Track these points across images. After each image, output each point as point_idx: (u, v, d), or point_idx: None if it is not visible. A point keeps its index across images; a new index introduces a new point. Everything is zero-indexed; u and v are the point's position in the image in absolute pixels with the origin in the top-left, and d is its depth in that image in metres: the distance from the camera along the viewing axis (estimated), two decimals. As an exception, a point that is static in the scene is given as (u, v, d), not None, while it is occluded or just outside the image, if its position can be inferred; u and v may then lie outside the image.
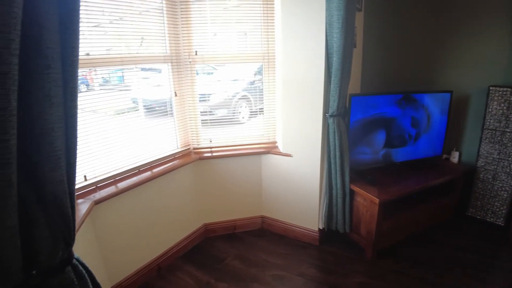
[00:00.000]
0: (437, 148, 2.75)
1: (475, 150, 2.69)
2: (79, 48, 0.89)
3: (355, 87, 2.93)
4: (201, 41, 2.33)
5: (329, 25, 2.05)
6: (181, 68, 2.34)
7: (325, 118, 2.25)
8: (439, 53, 2.80)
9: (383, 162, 2.60)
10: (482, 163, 2.61)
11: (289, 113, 2.39)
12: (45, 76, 0.82)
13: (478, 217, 2.72)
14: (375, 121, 2.45)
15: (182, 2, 2.23)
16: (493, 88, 2.47)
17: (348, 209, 2.39)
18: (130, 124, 2.12)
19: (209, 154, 2.53)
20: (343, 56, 2.05)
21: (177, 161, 2.38)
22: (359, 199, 2.36)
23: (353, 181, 2.38)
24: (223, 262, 2.39)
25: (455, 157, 2.85)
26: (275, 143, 2.66)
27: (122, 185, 2.00)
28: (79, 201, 1.79)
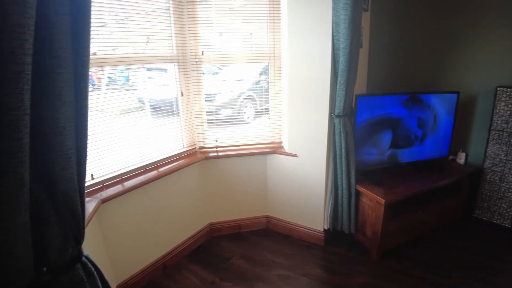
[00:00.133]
0: (443, 149, 2.74)
1: (482, 151, 2.67)
2: (90, 48, 0.90)
3: (361, 87, 2.92)
4: (207, 41, 2.34)
5: (335, 25, 2.05)
6: (187, 68, 2.35)
7: (331, 118, 2.25)
8: (446, 53, 2.78)
9: (389, 163, 2.59)
10: (489, 164, 2.59)
11: (295, 113, 2.39)
12: (56, 75, 0.83)
13: (484, 219, 2.70)
14: (381, 122, 2.45)
15: (188, 2, 2.23)
16: (500, 88, 2.45)
17: (353, 209, 2.38)
18: (136, 123, 2.14)
19: (215, 153, 2.54)
20: (349, 56, 2.04)
21: (183, 160, 2.39)
22: (364, 200, 2.35)
23: (358, 181, 2.37)
24: (228, 261, 2.39)
25: (461, 158, 2.83)
26: (280, 143, 2.66)
27: (128, 184, 2.02)
28: (86, 199, 1.80)
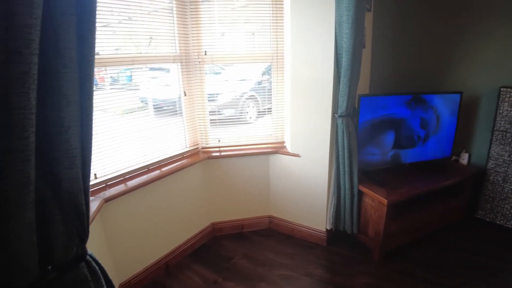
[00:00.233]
0: (446, 149, 2.73)
1: (485, 152, 2.66)
2: (95, 48, 0.91)
3: (364, 87, 2.92)
4: (210, 41, 2.34)
5: (338, 25, 2.05)
6: (190, 68, 2.35)
7: (334, 118, 2.25)
8: (449, 53, 2.78)
9: (391, 163, 2.59)
10: (492, 165, 2.58)
11: (298, 113, 2.39)
12: (62, 75, 0.84)
13: (487, 220, 2.69)
14: (384, 122, 2.44)
15: (191, 2, 2.24)
16: (504, 89, 2.44)
17: (356, 210, 2.38)
18: (139, 123, 2.14)
19: (218, 153, 2.54)
20: (352, 56, 2.04)
21: (186, 160, 2.39)
22: (367, 200, 2.35)
23: (361, 182, 2.37)
24: (231, 261, 2.40)
25: (464, 159, 2.82)
26: (283, 143, 2.66)
27: (131, 183, 2.03)
28: (90, 198, 1.81)
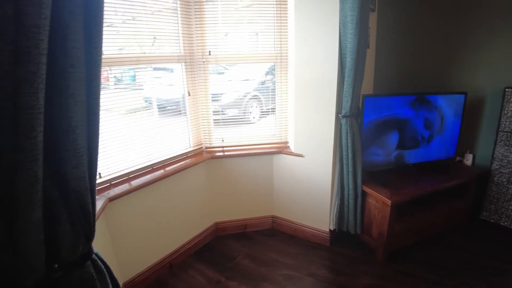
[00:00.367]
0: (450, 150, 2.72)
1: (490, 152, 2.65)
2: (102, 48, 0.91)
3: (368, 87, 2.91)
4: (214, 41, 2.34)
5: (343, 25, 2.05)
6: (194, 68, 2.36)
7: (338, 118, 2.25)
8: (453, 53, 2.76)
9: (395, 163, 2.58)
10: (496, 166, 2.57)
11: (302, 113, 2.39)
12: (69, 75, 0.85)
13: (491, 221, 2.68)
14: (388, 122, 2.44)
15: (196, 2, 2.24)
16: (509, 89, 2.43)
17: (359, 210, 2.38)
18: (143, 122, 2.15)
19: (221, 153, 2.55)
20: (356, 56, 2.04)
21: (190, 160, 2.40)
22: (370, 201, 2.35)
23: (365, 182, 2.37)
24: (234, 260, 2.40)
25: (468, 160, 2.81)
26: (286, 143, 2.66)
27: (135, 182, 2.03)
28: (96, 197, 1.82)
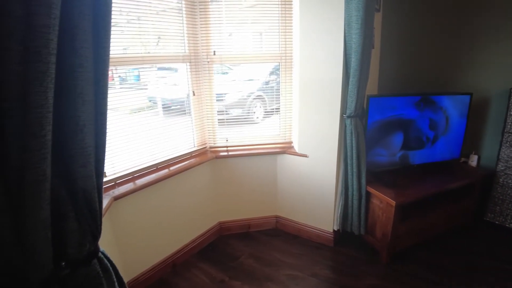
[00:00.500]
0: (455, 151, 2.71)
1: (495, 154, 2.63)
2: (110, 48, 0.92)
3: (372, 88, 2.91)
4: (219, 41, 2.35)
5: (347, 25, 2.05)
6: (199, 67, 2.36)
7: (343, 119, 2.25)
8: (459, 54, 2.75)
9: (400, 164, 2.57)
10: (502, 167, 2.55)
11: (306, 113, 2.39)
12: (78, 74, 0.85)
13: (496, 223, 2.66)
14: (392, 123, 2.43)
15: (201, 2, 2.25)
16: (515, 90, 2.41)
17: (363, 211, 2.37)
18: (148, 122, 2.16)
19: (225, 153, 2.55)
20: (361, 56, 2.04)
21: (194, 159, 2.41)
22: (375, 201, 2.34)
23: (369, 183, 2.36)
24: (237, 260, 2.41)
25: (473, 161, 2.79)
26: (290, 143, 2.66)
27: (140, 182, 2.04)
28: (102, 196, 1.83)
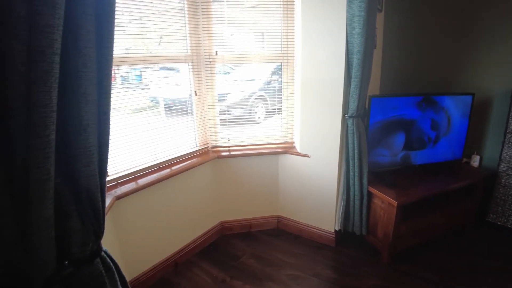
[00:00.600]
0: (457, 151, 2.70)
1: (497, 154, 2.62)
2: (113, 48, 0.92)
3: (374, 88, 2.90)
4: (221, 41, 2.35)
5: (350, 25, 2.05)
6: (201, 67, 2.37)
7: (344, 119, 2.25)
8: (461, 54, 2.74)
9: (401, 164, 2.57)
10: (504, 168, 2.55)
11: (308, 113, 2.39)
12: (82, 74, 0.85)
13: (498, 223, 2.65)
14: (394, 123, 2.43)
15: (203, 2, 2.25)
16: (517, 91, 2.41)
17: (365, 211, 2.37)
18: (150, 122, 2.16)
19: (227, 153, 2.55)
20: (363, 57, 2.04)
21: (196, 159, 2.41)
22: (376, 201, 2.34)
23: (371, 183, 2.36)
24: (239, 260, 2.41)
25: (475, 161, 2.79)
26: (292, 143, 2.66)
27: (142, 181, 2.05)
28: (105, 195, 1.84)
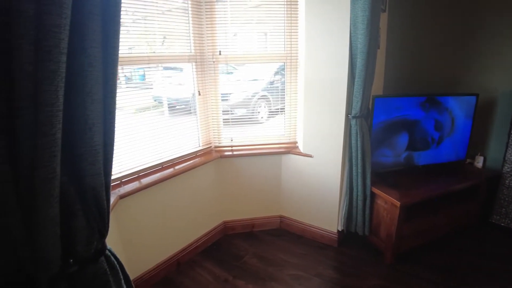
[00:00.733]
0: (461, 152, 2.69)
1: (501, 155, 2.61)
2: (119, 47, 0.93)
3: (377, 88, 2.90)
4: (224, 41, 2.36)
5: (353, 25, 2.04)
6: (204, 67, 2.37)
7: (348, 119, 2.24)
8: (465, 54, 2.73)
9: (404, 165, 2.57)
10: (508, 169, 2.54)
11: (311, 113, 2.39)
12: (87, 73, 0.86)
13: (502, 225, 2.64)
14: (398, 124, 2.42)
15: (207, 2, 2.26)
16: (522, 92, 2.40)
17: (368, 211, 2.37)
18: (153, 121, 2.17)
19: (230, 152, 2.56)
20: (367, 57, 2.03)
21: (199, 159, 2.42)
22: (379, 202, 2.34)
23: (374, 183, 2.36)
24: (242, 259, 2.41)
25: (479, 162, 2.77)
26: (295, 143, 2.66)
27: (145, 180, 2.06)
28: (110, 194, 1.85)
